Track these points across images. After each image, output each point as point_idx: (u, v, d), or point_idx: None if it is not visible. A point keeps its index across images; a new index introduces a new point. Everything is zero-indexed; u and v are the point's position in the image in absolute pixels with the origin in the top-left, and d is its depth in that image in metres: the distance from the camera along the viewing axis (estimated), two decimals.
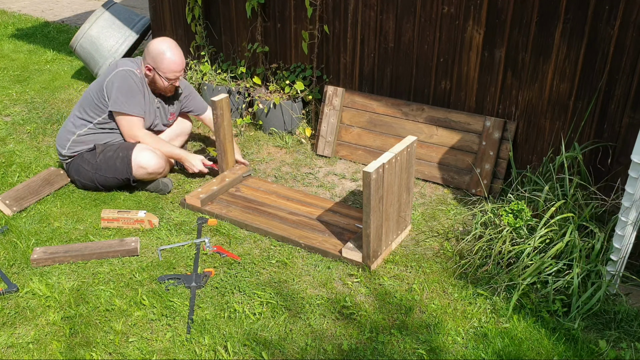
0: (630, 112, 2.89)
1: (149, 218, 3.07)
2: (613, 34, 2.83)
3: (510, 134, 3.30)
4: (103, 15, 5.02)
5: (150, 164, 3.27)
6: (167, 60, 3.29)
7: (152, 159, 3.28)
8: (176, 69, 3.33)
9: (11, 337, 2.38)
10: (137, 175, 3.29)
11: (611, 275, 2.51)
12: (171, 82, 3.37)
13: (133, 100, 3.29)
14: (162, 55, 3.29)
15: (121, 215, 3.06)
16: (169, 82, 3.36)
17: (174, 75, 3.35)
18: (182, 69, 3.38)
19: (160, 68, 3.31)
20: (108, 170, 3.30)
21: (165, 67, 3.30)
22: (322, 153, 3.89)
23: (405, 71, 3.60)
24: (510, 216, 2.75)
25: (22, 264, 2.81)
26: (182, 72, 3.40)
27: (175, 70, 3.34)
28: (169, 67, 3.31)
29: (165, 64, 3.30)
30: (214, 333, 2.38)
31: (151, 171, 3.29)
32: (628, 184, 2.33)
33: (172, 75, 3.34)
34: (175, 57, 3.32)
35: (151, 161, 3.27)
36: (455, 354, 2.29)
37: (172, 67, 3.31)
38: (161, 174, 3.39)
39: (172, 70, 3.32)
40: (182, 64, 3.36)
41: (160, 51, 3.30)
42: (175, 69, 3.33)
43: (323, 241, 2.92)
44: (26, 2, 8.20)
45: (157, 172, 3.32)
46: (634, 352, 2.28)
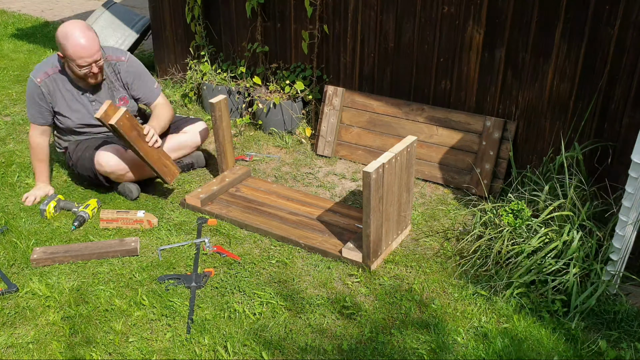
0: (630, 112, 2.89)
1: (148, 218, 3.07)
2: (613, 34, 2.83)
3: (510, 134, 3.30)
4: (103, 15, 5.02)
5: (109, 163, 3.21)
6: (72, 43, 3.01)
7: (111, 159, 3.21)
8: (84, 54, 3.02)
9: (11, 337, 2.38)
10: (100, 172, 3.26)
11: (611, 275, 2.51)
12: (86, 70, 3.09)
13: (30, 108, 3.30)
14: (66, 41, 3.01)
15: (120, 216, 3.06)
16: (82, 70, 3.09)
17: (84, 62, 3.05)
18: (94, 52, 3.04)
19: (68, 54, 3.04)
20: (82, 168, 3.33)
21: (71, 53, 3.03)
22: (322, 153, 3.89)
23: (405, 71, 3.60)
24: (510, 216, 2.75)
25: (22, 264, 2.81)
26: (97, 54, 3.07)
27: (83, 56, 3.03)
28: (75, 53, 3.02)
29: (71, 50, 3.02)
30: (214, 333, 2.38)
31: (110, 170, 3.23)
32: (628, 184, 2.33)
33: (82, 62, 3.05)
34: (81, 40, 3.00)
35: (110, 161, 3.22)
36: (455, 354, 2.29)
37: (80, 51, 3.01)
38: (124, 176, 3.29)
39: (79, 55, 3.02)
40: (91, 46, 3.03)
41: (63, 36, 3.02)
42: (82, 54, 3.02)
43: (323, 241, 2.92)
44: (26, 2, 8.20)
45: (116, 172, 3.25)
46: (634, 352, 2.28)
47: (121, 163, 3.25)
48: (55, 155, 3.86)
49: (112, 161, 3.22)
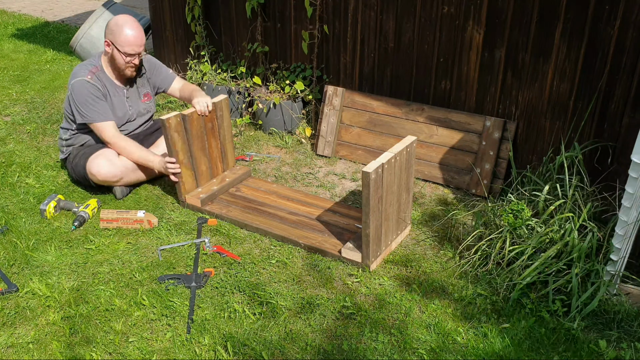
0: (630, 112, 2.89)
1: (148, 218, 3.06)
2: (613, 34, 2.83)
3: (510, 134, 3.30)
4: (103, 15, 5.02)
5: (100, 171, 3.25)
6: (125, 34, 3.23)
7: (102, 167, 3.25)
8: (134, 42, 3.25)
9: (11, 337, 2.38)
10: (92, 181, 3.31)
11: (611, 275, 2.51)
12: (129, 59, 3.28)
13: (93, 108, 3.28)
14: (120, 29, 3.23)
15: (120, 216, 3.06)
16: (127, 58, 3.27)
17: (132, 50, 3.26)
18: (141, 44, 3.28)
19: (118, 42, 3.24)
20: (77, 175, 3.39)
21: (122, 40, 3.23)
22: (322, 153, 3.89)
23: (405, 71, 3.60)
24: (510, 216, 2.75)
25: (22, 264, 2.81)
26: (143, 47, 3.30)
27: (133, 44, 3.25)
28: (126, 40, 3.23)
29: (123, 37, 3.23)
30: (214, 333, 2.38)
31: (102, 179, 3.27)
32: (628, 184, 2.33)
33: (129, 50, 3.25)
34: (133, 31, 3.25)
35: (102, 169, 3.25)
36: (455, 354, 2.29)
37: (130, 39, 3.23)
38: (118, 182, 3.34)
39: (129, 44, 3.24)
40: (141, 38, 3.27)
41: (118, 25, 3.24)
42: (133, 42, 3.24)
43: (323, 241, 2.92)
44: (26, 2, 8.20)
45: (108, 179, 3.28)
46: (634, 352, 2.28)
47: (112, 170, 3.27)
48: (55, 155, 3.86)
49: (103, 169, 3.26)
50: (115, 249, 2.91)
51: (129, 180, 3.38)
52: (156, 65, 3.62)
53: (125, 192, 3.39)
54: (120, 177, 3.32)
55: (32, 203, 3.31)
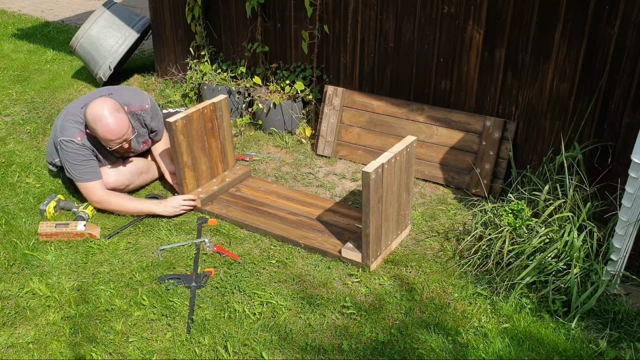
0: (630, 112, 2.89)
1: (89, 230, 2.97)
2: (613, 34, 2.83)
3: (510, 134, 3.30)
4: (103, 15, 5.02)
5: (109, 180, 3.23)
6: (101, 128, 3.02)
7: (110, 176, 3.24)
8: (114, 138, 3.05)
9: (11, 337, 2.39)
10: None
11: (611, 275, 2.51)
12: (117, 147, 3.12)
13: (83, 169, 3.14)
14: (95, 125, 3.03)
15: (60, 230, 2.95)
16: (114, 147, 3.12)
17: (114, 144, 3.08)
18: (124, 133, 3.07)
19: (99, 136, 3.07)
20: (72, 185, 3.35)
21: (101, 136, 3.05)
22: (322, 153, 3.89)
23: (405, 71, 3.60)
24: (510, 216, 2.75)
25: (22, 264, 2.81)
26: (128, 134, 3.11)
27: (114, 139, 3.06)
28: (105, 136, 3.04)
29: (101, 133, 3.04)
30: (214, 333, 2.39)
31: (111, 188, 3.24)
32: (628, 184, 2.33)
33: (112, 144, 3.09)
34: (110, 123, 3.02)
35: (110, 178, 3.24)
36: (455, 354, 2.29)
37: (108, 136, 3.04)
38: (127, 188, 3.36)
39: (109, 139, 3.05)
40: (121, 129, 3.05)
41: (93, 119, 3.03)
42: (112, 138, 3.05)
43: (323, 241, 2.92)
44: (26, 2, 8.20)
45: (117, 187, 3.28)
46: (634, 352, 2.28)
47: (120, 178, 3.28)
48: None
49: (111, 178, 3.24)
50: (115, 249, 2.92)
51: (136, 185, 3.40)
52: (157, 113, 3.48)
53: None
54: (128, 183, 3.33)
55: (32, 203, 3.31)
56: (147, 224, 3.12)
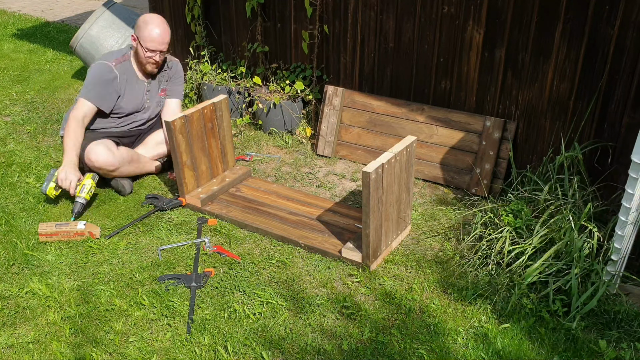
0: (630, 112, 2.89)
1: (89, 229, 2.97)
2: (613, 34, 2.83)
3: (510, 134, 3.30)
4: (103, 15, 5.02)
5: (98, 159, 3.26)
6: (149, 29, 3.35)
7: (101, 154, 3.27)
8: (155, 38, 3.36)
9: (11, 337, 2.38)
10: (89, 167, 3.31)
11: (611, 275, 2.51)
12: (150, 55, 3.40)
13: (94, 87, 3.38)
14: (145, 25, 3.37)
15: (59, 229, 2.95)
16: (147, 53, 3.39)
17: (153, 46, 3.37)
18: (163, 42, 3.39)
19: (142, 36, 3.37)
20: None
21: (145, 35, 3.35)
22: (322, 153, 3.89)
23: (405, 71, 3.60)
24: (510, 216, 2.75)
25: (22, 264, 2.81)
26: (165, 46, 3.41)
27: (154, 40, 3.36)
28: (149, 36, 3.35)
29: (147, 32, 3.35)
30: (214, 333, 2.39)
31: (98, 166, 3.28)
32: (628, 184, 2.33)
33: (151, 45, 3.37)
34: (158, 28, 3.37)
35: (100, 157, 3.27)
36: (455, 354, 2.29)
37: (153, 35, 3.35)
38: (114, 172, 3.34)
39: (151, 39, 3.35)
40: (164, 37, 3.39)
41: (145, 21, 3.38)
42: (154, 38, 3.36)
43: (323, 241, 2.92)
44: (26, 2, 8.20)
45: (105, 168, 3.29)
46: (634, 352, 2.28)
47: (109, 159, 3.29)
48: (55, 155, 3.86)
49: (101, 157, 3.27)
50: (115, 249, 2.92)
51: (124, 171, 3.41)
52: (179, 76, 3.72)
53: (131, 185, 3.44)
54: (118, 166, 3.34)
55: (32, 203, 3.31)
56: (147, 224, 3.12)
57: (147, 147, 3.62)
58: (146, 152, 3.61)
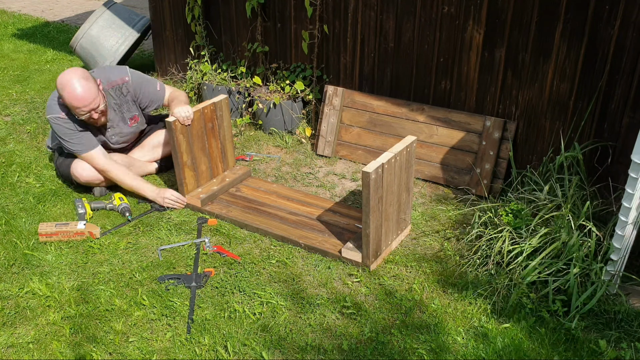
0: (630, 112, 2.89)
1: (89, 229, 2.98)
2: (613, 34, 2.83)
3: (510, 134, 3.30)
4: (103, 15, 5.02)
5: (83, 174, 3.29)
6: (67, 96, 3.03)
7: (86, 169, 3.28)
8: (79, 105, 3.04)
9: (11, 337, 2.39)
10: (76, 181, 3.35)
11: (611, 275, 2.51)
12: (86, 117, 3.10)
13: (76, 142, 3.22)
14: (63, 92, 3.04)
15: (60, 229, 2.96)
16: (84, 116, 3.10)
17: (81, 112, 3.07)
18: (90, 101, 3.05)
19: (66, 104, 3.08)
20: (62, 173, 3.44)
21: (68, 103, 3.06)
22: (322, 153, 3.89)
23: (405, 71, 3.60)
24: (510, 216, 2.75)
25: (22, 264, 2.81)
26: (96, 101, 3.07)
27: (80, 106, 3.04)
28: (71, 104, 3.04)
29: (67, 101, 3.04)
30: (214, 333, 2.39)
31: (84, 181, 3.31)
32: (628, 184, 2.33)
33: (79, 112, 3.07)
34: (76, 90, 3.01)
35: (85, 172, 3.28)
36: (455, 354, 2.29)
37: (74, 103, 3.03)
38: (99, 183, 3.36)
39: (75, 107, 3.05)
40: (87, 97, 3.03)
41: (61, 87, 3.04)
42: (78, 105, 3.04)
43: (323, 241, 2.92)
44: (26, 2, 8.20)
45: (91, 181, 3.32)
46: (634, 352, 2.28)
47: (94, 173, 3.29)
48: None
49: (86, 172, 3.28)
50: (115, 249, 2.92)
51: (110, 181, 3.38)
52: (141, 84, 3.42)
53: (104, 191, 3.42)
54: (103, 179, 3.34)
55: (32, 203, 3.31)
56: (147, 224, 3.12)
57: (143, 150, 3.60)
58: (142, 155, 3.58)
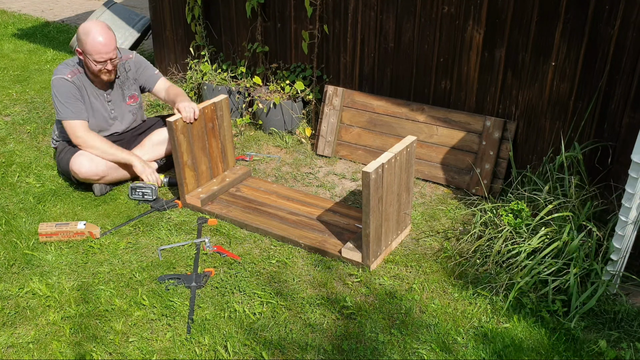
0: (630, 112, 2.89)
1: (89, 229, 2.98)
2: (613, 34, 2.83)
3: (510, 134, 3.30)
4: (103, 15, 5.02)
5: (81, 169, 3.28)
6: (91, 40, 3.17)
7: (84, 165, 3.28)
8: (101, 50, 3.18)
9: (11, 337, 2.39)
10: (75, 177, 3.35)
11: (611, 275, 2.51)
12: (100, 66, 3.24)
13: (67, 106, 3.29)
14: (87, 36, 3.18)
15: (60, 229, 2.96)
16: (97, 65, 3.23)
17: (100, 57, 3.20)
18: (110, 50, 3.22)
19: (86, 50, 3.20)
20: (62, 169, 3.45)
21: (89, 48, 3.19)
22: (322, 153, 3.89)
23: (405, 71, 3.60)
24: (510, 216, 2.75)
25: (22, 264, 2.81)
26: (113, 52, 3.23)
27: (101, 52, 3.19)
28: (93, 47, 3.18)
29: (89, 45, 3.18)
30: (214, 333, 2.39)
31: (83, 177, 3.30)
32: (628, 184, 2.33)
33: (98, 57, 3.20)
34: (99, 37, 3.17)
35: (83, 167, 3.28)
36: (455, 354, 2.29)
37: (97, 47, 3.17)
38: (100, 180, 3.36)
39: (96, 51, 3.18)
40: (109, 44, 3.20)
41: (85, 32, 3.20)
42: (100, 50, 3.18)
43: (323, 241, 2.92)
44: (26, 2, 8.20)
45: (89, 178, 3.31)
46: (634, 352, 2.28)
47: (93, 169, 3.30)
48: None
49: (84, 168, 3.28)
50: (115, 249, 2.92)
51: (111, 178, 3.40)
52: (142, 63, 3.58)
53: (104, 190, 3.41)
54: (102, 175, 3.34)
55: (32, 203, 3.32)
56: (147, 224, 3.12)
57: (143, 149, 3.57)
58: (143, 154, 3.56)
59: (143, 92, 3.65)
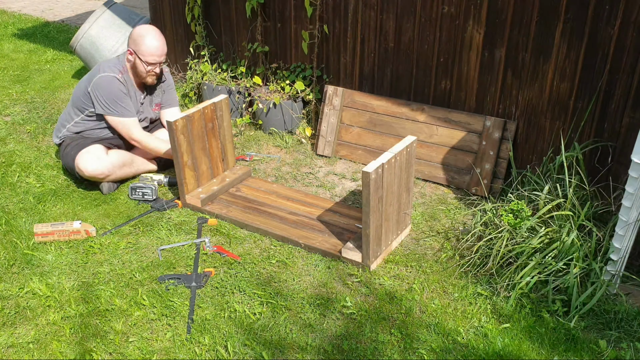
0: (630, 112, 2.89)
1: (85, 228, 2.98)
2: (613, 34, 2.83)
3: (510, 134, 3.30)
4: (103, 15, 5.02)
5: (87, 168, 3.30)
6: (147, 43, 3.33)
7: (90, 163, 3.30)
8: (155, 52, 3.35)
9: (11, 337, 2.39)
10: (80, 175, 3.37)
11: (611, 275, 2.51)
12: (151, 68, 3.39)
13: (122, 104, 3.39)
14: (142, 38, 3.34)
15: (55, 229, 2.96)
16: (148, 67, 3.37)
17: (153, 59, 3.36)
18: (162, 54, 3.40)
19: (140, 50, 3.34)
20: (67, 165, 3.46)
21: (144, 50, 3.33)
22: (322, 153, 3.89)
23: (406, 71, 3.60)
24: (510, 216, 2.75)
25: (22, 263, 2.81)
26: (163, 57, 3.41)
27: (154, 54, 3.36)
28: (148, 50, 3.33)
29: (144, 47, 3.33)
30: (214, 333, 2.39)
31: (88, 175, 3.32)
32: (628, 183, 2.33)
33: (151, 59, 3.36)
34: (155, 41, 3.36)
35: (89, 166, 3.30)
36: (455, 354, 2.29)
37: (152, 50, 3.34)
38: (105, 179, 3.38)
39: (151, 54, 3.34)
40: (162, 48, 3.39)
41: (141, 34, 3.35)
42: (154, 52, 3.35)
43: (323, 241, 2.92)
44: (26, 2, 8.20)
45: (95, 176, 3.33)
46: (634, 352, 2.28)
47: (99, 168, 3.31)
48: (55, 155, 3.86)
49: (90, 166, 3.29)
50: (115, 249, 2.92)
51: (116, 177, 3.42)
52: (171, 85, 3.72)
53: (112, 188, 3.43)
54: (108, 174, 3.35)
55: (32, 203, 3.32)
56: (147, 224, 3.12)
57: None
58: (144, 153, 3.60)
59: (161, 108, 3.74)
